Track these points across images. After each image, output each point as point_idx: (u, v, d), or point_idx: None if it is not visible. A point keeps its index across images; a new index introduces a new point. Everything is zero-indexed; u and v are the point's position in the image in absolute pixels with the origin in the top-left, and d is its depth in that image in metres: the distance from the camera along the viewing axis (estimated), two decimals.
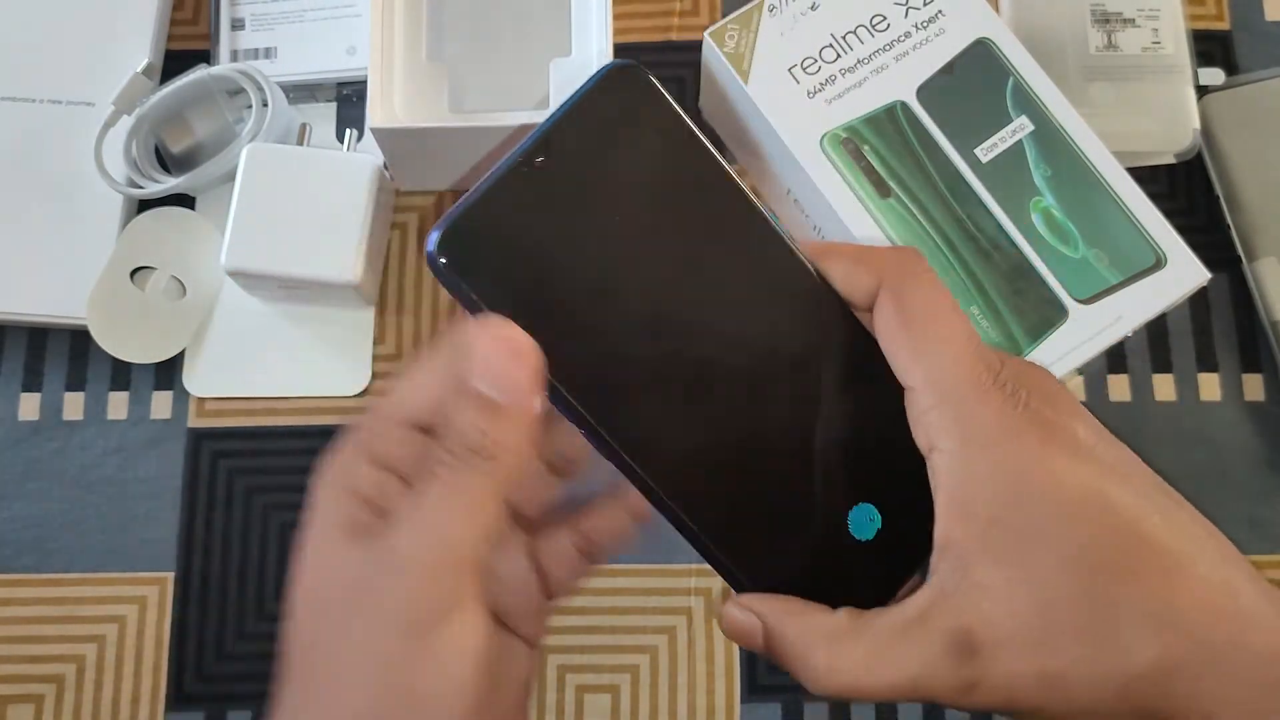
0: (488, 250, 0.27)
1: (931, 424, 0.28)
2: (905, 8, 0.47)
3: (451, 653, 0.26)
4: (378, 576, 0.26)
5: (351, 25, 0.54)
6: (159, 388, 0.52)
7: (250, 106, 0.52)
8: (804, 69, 0.47)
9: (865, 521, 0.30)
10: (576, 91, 0.29)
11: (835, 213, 0.45)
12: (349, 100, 0.55)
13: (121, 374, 0.52)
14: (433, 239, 0.27)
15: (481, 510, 0.27)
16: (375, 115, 0.48)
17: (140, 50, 0.54)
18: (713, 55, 0.48)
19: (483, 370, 0.26)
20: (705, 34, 0.48)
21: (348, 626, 0.27)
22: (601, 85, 0.29)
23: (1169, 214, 0.45)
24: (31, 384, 0.52)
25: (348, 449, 0.29)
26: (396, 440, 0.28)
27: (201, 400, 0.52)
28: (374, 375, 0.52)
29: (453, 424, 0.27)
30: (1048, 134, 0.46)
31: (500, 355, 0.26)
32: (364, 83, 0.51)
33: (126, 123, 0.52)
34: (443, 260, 0.27)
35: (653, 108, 0.29)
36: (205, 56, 0.55)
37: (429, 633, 0.26)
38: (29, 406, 0.52)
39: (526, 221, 0.27)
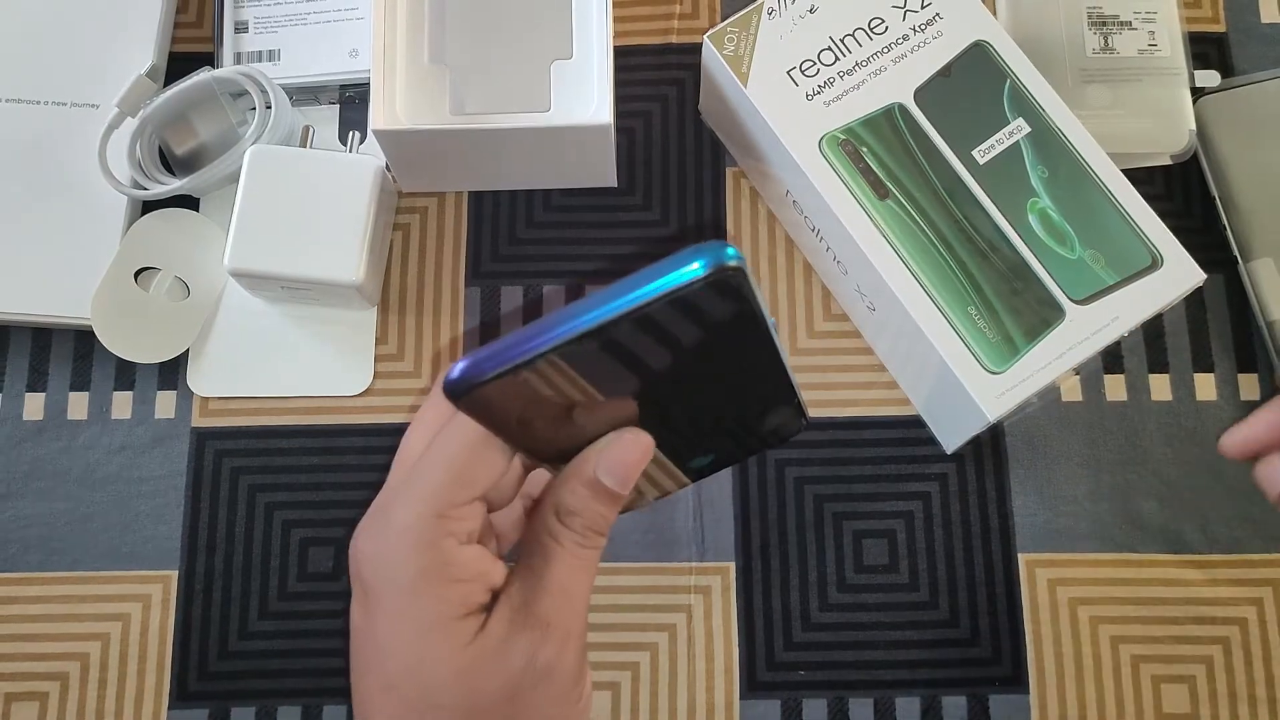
0: (500, 410, 0.29)
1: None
2: (903, 11, 0.48)
3: (590, 707, 0.33)
4: (544, 650, 0.31)
5: (354, 28, 0.55)
6: (163, 388, 0.53)
7: (254, 109, 0.52)
8: (803, 71, 0.47)
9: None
10: (669, 273, 0.26)
11: (834, 214, 0.46)
12: (351, 102, 0.55)
13: (126, 374, 0.53)
14: (456, 371, 0.28)
15: (593, 578, 0.33)
16: (377, 117, 0.48)
17: (144, 53, 0.54)
18: (712, 58, 0.48)
19: (610, 467, 0.31)
20: (705, 37, 0.48)
21: (523, 706, 0.31)
22: (702, 286, 0.26)
23: (1165, 215, 0.45)
24: (36, 384, 0.53)
25: (428, 528, 0.31)
26: (472, 516, 0.32)
27: (205, 400, 0.52)
28: (376, 375, 0.52)
29: (579, 508, 0.32)
30: (1044, 136, 0.46)
31: (637, 458, 0.31)
32: (366, 85, 0.52)
33: (131, 125, 0.52)
34: (457, 398, 0.29)
35: (740, 316, 0.27)
36: (209, 59, 0.55)
37: (583, 696, 0.33)
38: (34, 406, 0.53)
39: (550, 396, 0.29)
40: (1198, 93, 0.53)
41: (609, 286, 0.26)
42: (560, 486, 0.32)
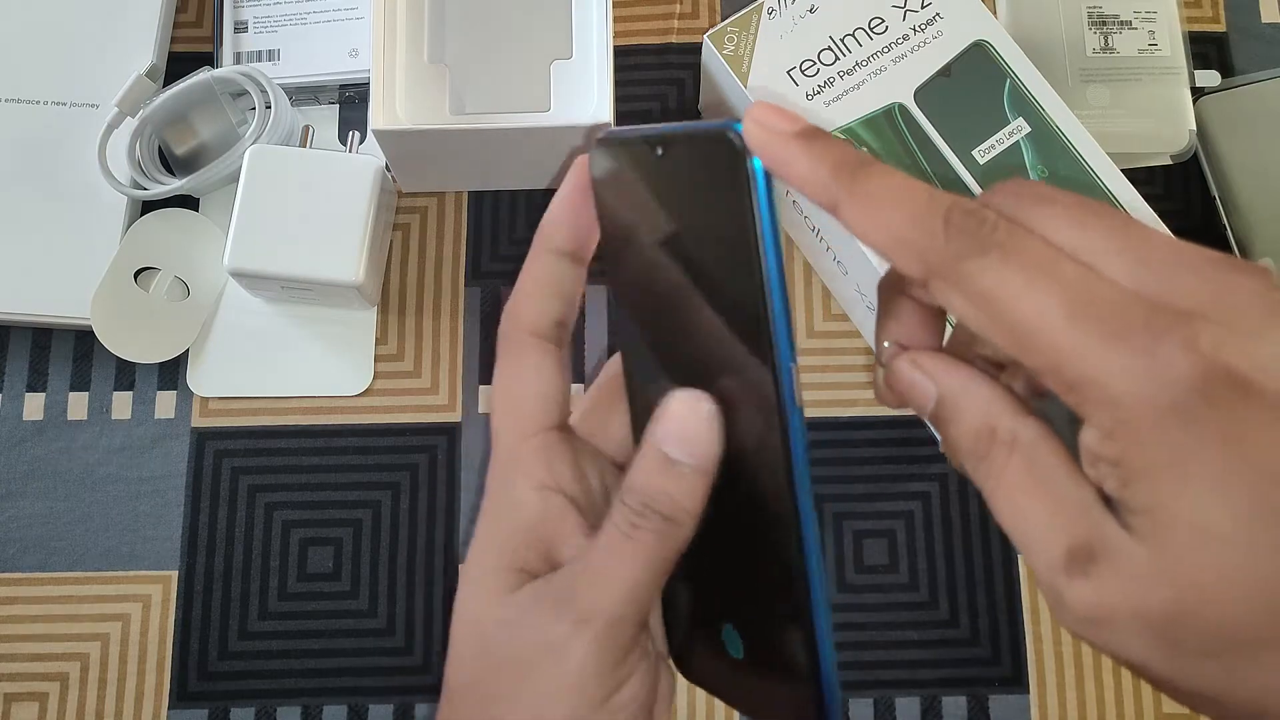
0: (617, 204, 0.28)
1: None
2: (903, 10, 0.48)
3: (628, 714, 0.28)
4: (556, 628, 0.27)
5: (353, 28, 0.55)
6: (163, 388, 0.53)
7: (253, 109, 0.52)
8: (803, 71, 0.47)
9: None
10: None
11: None
12: (351, 102, 0.55)
13: (125, 374, 0.53)
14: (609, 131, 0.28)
15: (657, 569, 0.27)
16: (377, 117, 0.48)
17: (144, 53, 0.54)
18: (712, 58, 0.48)
19: (677, 435, 0.27)
20: (705, 36, 0.48)
21: (527, 681, 0.28)
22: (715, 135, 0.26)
23: (1165, 215, 0.45)
24: (36, 384, 0.53)
25: (510, 467, 0.29)
26: (563, 462, 0.29)
27: (205, 400, 0.52)
28: (376, 375, 0.52)
29: (638, 484, 0.27)
30: (1044, 135, 0.46)
31: (694, 422, 0.27)
32: (366, 85, 0.52)
33: (130, 125, 0.52)
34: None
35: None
36: (209, 59, 0.55)
37: (611, 696, 0.28)
38: (33, 406, 0.53)
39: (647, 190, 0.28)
40: (1198, 93, 0.53)
41: None
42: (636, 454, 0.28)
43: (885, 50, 0.47)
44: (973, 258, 0.23)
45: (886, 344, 0.27)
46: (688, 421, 0.27)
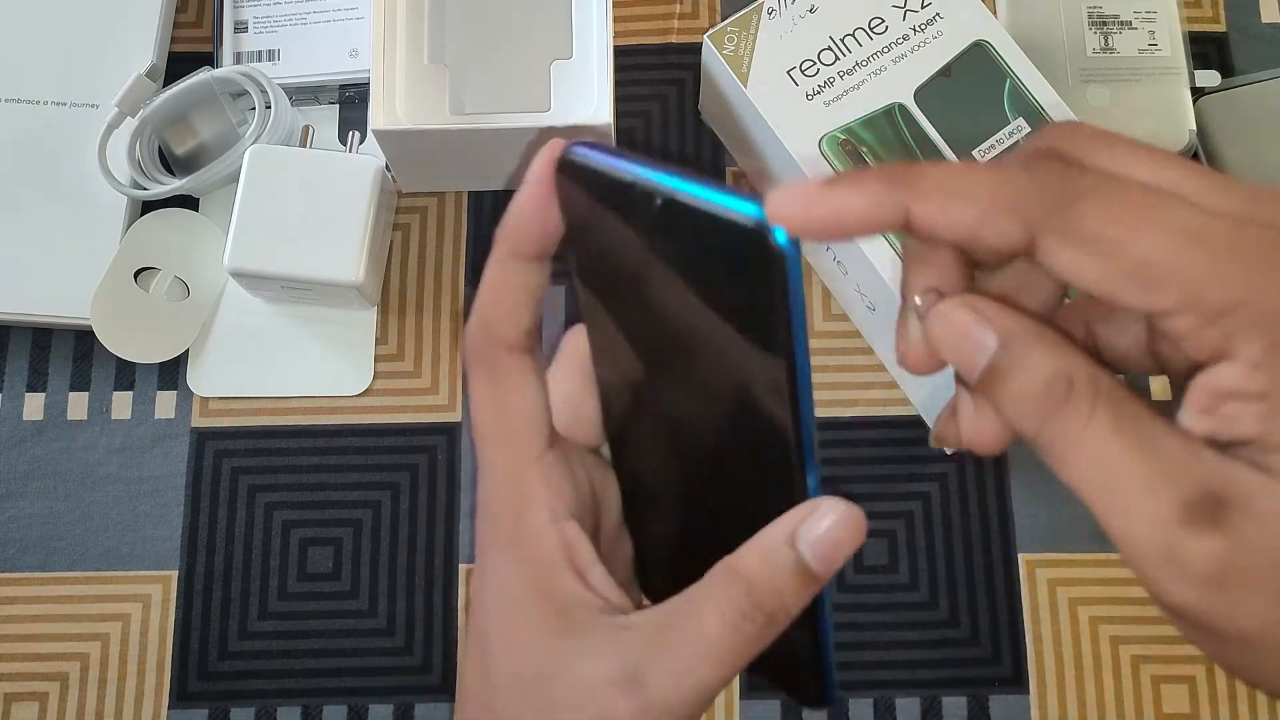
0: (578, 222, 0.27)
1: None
2: (903, 10, 0.48)
3: None
4: (619, 704, 0.25)
5: (353, 28, 0.55)
6: (163, 388, 0.53)
7: (253, 109, 0.52)
8: (803, 71, 0.47)
9: None
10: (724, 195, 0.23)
11: None
12: (351, 102, 0.55)
13: (125, 374, 0.53)
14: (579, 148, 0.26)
15: (737, 671, 0.25)
16: (377, 117, 0.48)
17: (144, 52, 0.54)
18: (712, 58, 0.48)
19: (828, 545, 0.25)
20: (705, 36, 0.48)
21: None
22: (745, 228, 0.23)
23: None
24: (36, 384, 0.53)
25: (517, 500, 0.27)
26: (565, 481, 0.28)
27: (205, 400, 0.52)
28: (376, 375, 0.52)
29: (762, 582, 0.25)
30: None
31: (849, 536, 0.25)
32: (366, 85, 0.52)
33: (130, 124, 0.52)
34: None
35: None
36: (209, 59, 0.55)
37: None
38: (33, 406, 0.52)
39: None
40: (1198, 93, 0.53)
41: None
42: (750, 544, 0.26)
43: (885, 50, 0.47)
44: (1075, 202, 0.21)
45: (918, 298, 0.24)
46: (843, 535, 0.24)
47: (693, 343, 0.26)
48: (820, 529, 0.24)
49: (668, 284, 0.25)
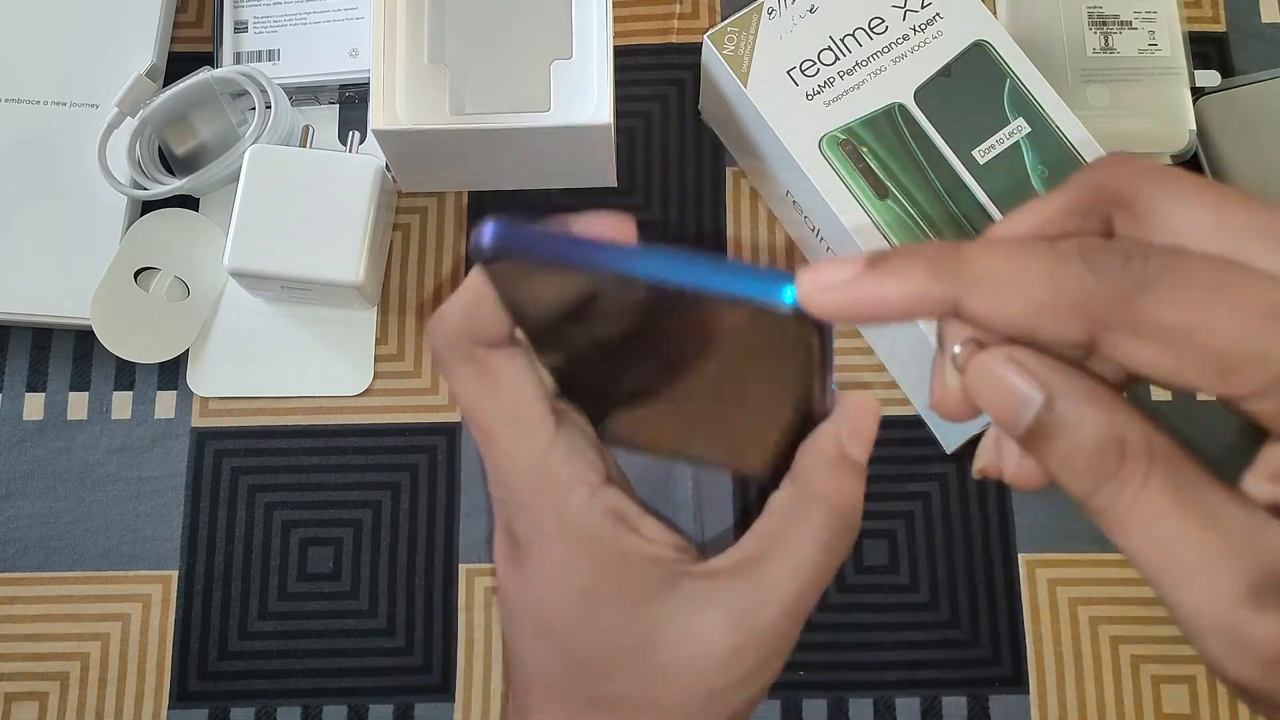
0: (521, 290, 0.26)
1: None
2: (903, 10, 0.48)
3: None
4: (723, 638, 0.27)
5: (353, 28, 0.55)
6: (163, 388, 0.53)
7: (253, 109, 0.52)
8: (803, 71, 0.47)
9: None
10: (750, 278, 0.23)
11: (833, 214, 0.46)
12: (351, 102, 0.55)
13: (125, 374, 0.53)
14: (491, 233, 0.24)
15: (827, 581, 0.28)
16: (377, 117, 0.48)
17: (144, 52, 0.54)
18: (712, 58, 0.48)
19: (862, 438, 0.27)
20: (705, 36, 0.48)
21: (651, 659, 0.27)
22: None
23: None
24: (36, 384, 0.53)
25: (551, 488, 0.28)
26: (586, 447, 0.28)
27: (205, 400, 0.52)
28: (376, 375, 0.52)
29: (846, 499, 0.27)
30: (1045, 136, 0.46)
31: (873, 427, 0.28)
32: (366, 85, 0.52)
33: (130, 124, 0.52)
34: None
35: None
36: (209, 59, 0.55)
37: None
38: (33, 406, 0.53)
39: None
40: (1198, 93, 0.53)
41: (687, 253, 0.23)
42: (802, 465, 0.28)
43: (885, 50, 0.47)
44: (1140, 294, 0.20)
45: (957, 347, 0.23)
46: (872, 422, 0.28)
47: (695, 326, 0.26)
48: (859, 427, 0.27)
49: (670, 341, 0.26)
